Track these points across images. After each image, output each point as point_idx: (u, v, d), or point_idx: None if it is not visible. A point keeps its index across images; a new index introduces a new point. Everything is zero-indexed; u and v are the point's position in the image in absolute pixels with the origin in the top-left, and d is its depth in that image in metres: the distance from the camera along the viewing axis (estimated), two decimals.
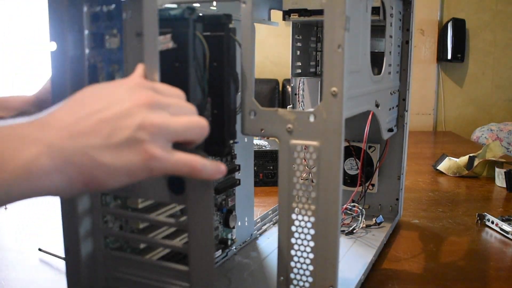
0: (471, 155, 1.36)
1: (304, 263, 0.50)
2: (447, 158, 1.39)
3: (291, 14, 0.72)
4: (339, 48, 0.45)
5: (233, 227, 0.70)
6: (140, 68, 0.42)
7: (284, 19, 0.74)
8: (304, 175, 0.49)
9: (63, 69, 0.46)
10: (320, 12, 0.70)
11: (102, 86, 0.40)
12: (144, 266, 0.48)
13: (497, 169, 1.25)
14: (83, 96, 0.39)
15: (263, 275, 0.68)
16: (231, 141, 0.53)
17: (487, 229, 0.91)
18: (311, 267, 0.49)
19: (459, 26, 3.00)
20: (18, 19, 3.00)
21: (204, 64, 0.48)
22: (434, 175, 1.36)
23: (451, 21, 3.00)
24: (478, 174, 1.33)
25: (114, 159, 0.36)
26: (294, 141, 0.48)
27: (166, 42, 0.44)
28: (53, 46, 0.46)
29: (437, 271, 0.73)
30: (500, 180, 1.22)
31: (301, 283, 0.50)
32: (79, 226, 0.48)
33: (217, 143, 0.51)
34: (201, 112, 0.48)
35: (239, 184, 0.70)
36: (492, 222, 0.91)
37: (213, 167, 0.40)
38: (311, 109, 0.47)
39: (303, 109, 0.82)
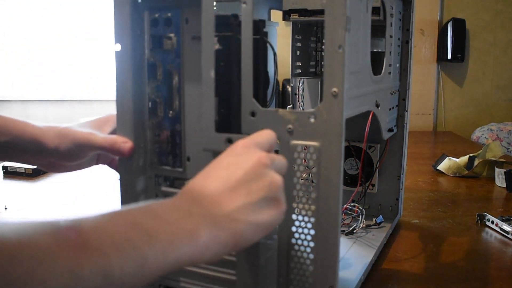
0: (471, 155, 1.36)
1: (304, 263, 0.50)
2: (447, 158, 1.39)
3: (291, 14, 0.72)
4: (340, 48, 0.45)
5: None
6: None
7: (284, 19, 0.74)
8: (304, 176, 0.49)
9: (126, 67, 0.53)
10: (320, 12, 0.70)
11: (221, 158, 0.43)
12: None
13: (497, 169, 1.24)
14: (211, 169, 0.42)
15: None
16: None
17: (487, 229, 0.91)
18: (311, 268, 0.49)
19: (459, 26, 2.99)
20: (18, 19, 3.00)
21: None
22: (434, 175, 1.36)
23: (451, 21, 2.99)
24: (478, 174, 1.33)
25: (258, 216, 0.39)
26: (294, 142, 0.48)
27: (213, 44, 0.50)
28: (118, 47, 0.53)
29: (437, 271, 0.73)
30: (500, 180, 1.22)
31: (301, 284, 0.50)
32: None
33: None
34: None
35: None
36: (492, 222, 0.91)
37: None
38: (312, 110, 0.47)
39: (303, 109, 0.82)
